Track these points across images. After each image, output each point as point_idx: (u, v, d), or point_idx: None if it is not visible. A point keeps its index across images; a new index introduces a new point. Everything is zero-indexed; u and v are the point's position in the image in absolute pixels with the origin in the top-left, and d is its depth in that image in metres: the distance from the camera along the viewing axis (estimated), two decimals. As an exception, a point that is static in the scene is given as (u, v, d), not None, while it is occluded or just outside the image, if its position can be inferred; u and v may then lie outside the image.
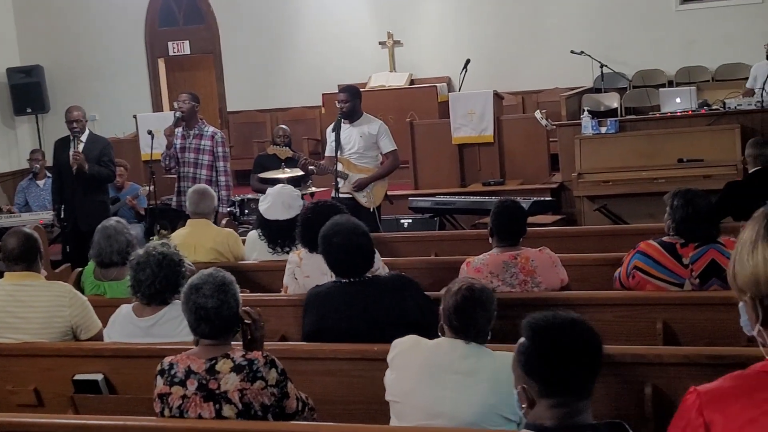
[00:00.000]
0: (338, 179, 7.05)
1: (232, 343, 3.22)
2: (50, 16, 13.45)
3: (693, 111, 8.77)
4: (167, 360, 3.17)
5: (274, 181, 7.03)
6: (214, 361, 3.10)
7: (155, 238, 5.44)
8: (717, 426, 1.70)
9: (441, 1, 12.33)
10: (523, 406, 2.24)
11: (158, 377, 3.15)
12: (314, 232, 4.26)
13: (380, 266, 4.60)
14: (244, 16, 13.03)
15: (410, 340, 3.19)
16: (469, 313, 3.08)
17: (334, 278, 4.01)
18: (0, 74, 12.96)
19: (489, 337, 3.17)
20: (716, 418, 1.70)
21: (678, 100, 9.17)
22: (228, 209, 7.75)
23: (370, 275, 3.96)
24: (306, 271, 4.57)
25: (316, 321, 3.93)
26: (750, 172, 6.61)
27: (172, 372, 3.12)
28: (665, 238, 4.28)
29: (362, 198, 7.15)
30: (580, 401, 2.23)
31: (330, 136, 7.26)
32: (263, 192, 6.00)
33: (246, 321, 3.22)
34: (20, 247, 4.22)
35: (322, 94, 11.80)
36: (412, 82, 12.17)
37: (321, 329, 3.89)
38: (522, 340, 2.30)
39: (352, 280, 3.91)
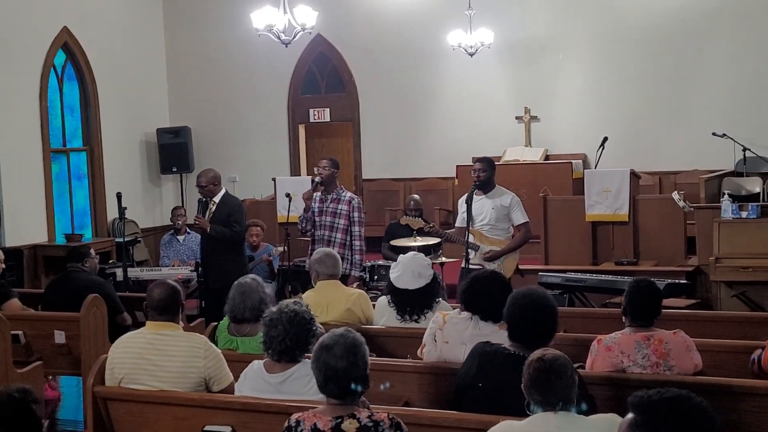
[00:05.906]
0: (469, 250, 7.06)
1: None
2: (200, 81, 14.10)
3: (841, 198, 8.45)
4: (294, 417, 3.23)
5: (405, 249, 7.11)
6: (340, 420, 3.15)
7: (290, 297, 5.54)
8: None
9: (580, 78, 12.32)
10: None
11: (285, 434, 3.21)
12: (484, 298, 4.42)
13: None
14: (383, 86, 13.34)
15: (502, 426, 3.14)
16: (545, 382, 3.06)
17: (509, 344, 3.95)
18: (151, 134, 13.62)
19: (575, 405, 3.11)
20: None
21: (825, 187, 8.85)
22: (359, 273, 7.84)
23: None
24: (446, 336, 4.55)
25: (473, 374, 3.90)
26: None
27: (299, 429, 3.18)
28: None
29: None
30: None
31: (462, 207, 7.30)
32: (393, 259, 6.07)
33: None
34: (166, 299, 4.39)
35: (456, 166, 11.91)
36: (547, 157, 12.14)
37: (471, 385, 3.87)
38: (630, 415, 2.25)
39: (521, 354, 3.75)
